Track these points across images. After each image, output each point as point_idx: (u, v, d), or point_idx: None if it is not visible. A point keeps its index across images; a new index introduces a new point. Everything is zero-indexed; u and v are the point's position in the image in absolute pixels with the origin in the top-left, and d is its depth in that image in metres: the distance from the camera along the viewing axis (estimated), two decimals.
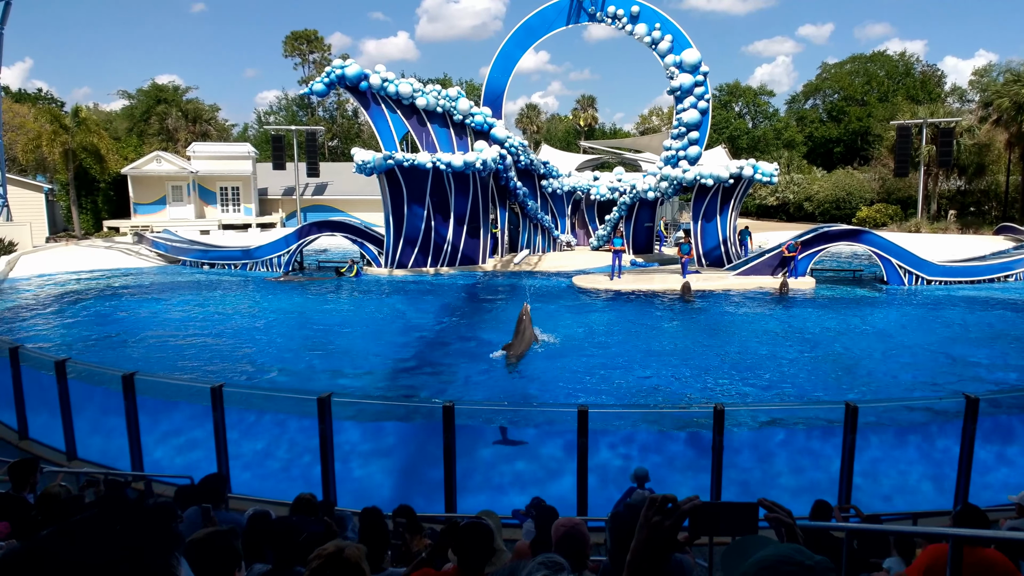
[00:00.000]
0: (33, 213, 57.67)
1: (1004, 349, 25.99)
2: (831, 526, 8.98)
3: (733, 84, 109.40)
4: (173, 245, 49.14)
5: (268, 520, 7.70)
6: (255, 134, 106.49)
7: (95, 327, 29.73)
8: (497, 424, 16.10)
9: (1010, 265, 39.60)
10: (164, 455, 15.31)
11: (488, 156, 41.09)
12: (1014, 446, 14.84)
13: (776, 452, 14.70)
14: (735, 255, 41.94)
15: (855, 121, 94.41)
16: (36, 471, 9.07)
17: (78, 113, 64.11)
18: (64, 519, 6.69)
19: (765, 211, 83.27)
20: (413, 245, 42.51)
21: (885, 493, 13.92)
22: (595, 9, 43.27)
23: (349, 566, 4.32)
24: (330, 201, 74.25)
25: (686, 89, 42.14)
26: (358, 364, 23.97)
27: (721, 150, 64.03)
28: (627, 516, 5.08)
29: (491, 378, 22.36)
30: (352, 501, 11.97)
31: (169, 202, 68.75)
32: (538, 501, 10.48)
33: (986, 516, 7.27)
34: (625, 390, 20.99)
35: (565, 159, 60.06)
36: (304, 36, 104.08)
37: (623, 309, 32.75)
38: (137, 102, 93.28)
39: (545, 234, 48.02)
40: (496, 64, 44.90)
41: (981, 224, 64.70)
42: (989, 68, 78.47)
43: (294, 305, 34.33)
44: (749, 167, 39.97)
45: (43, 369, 16.45)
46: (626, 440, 15.06)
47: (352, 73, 42.51)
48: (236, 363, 24.26)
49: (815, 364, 23.87)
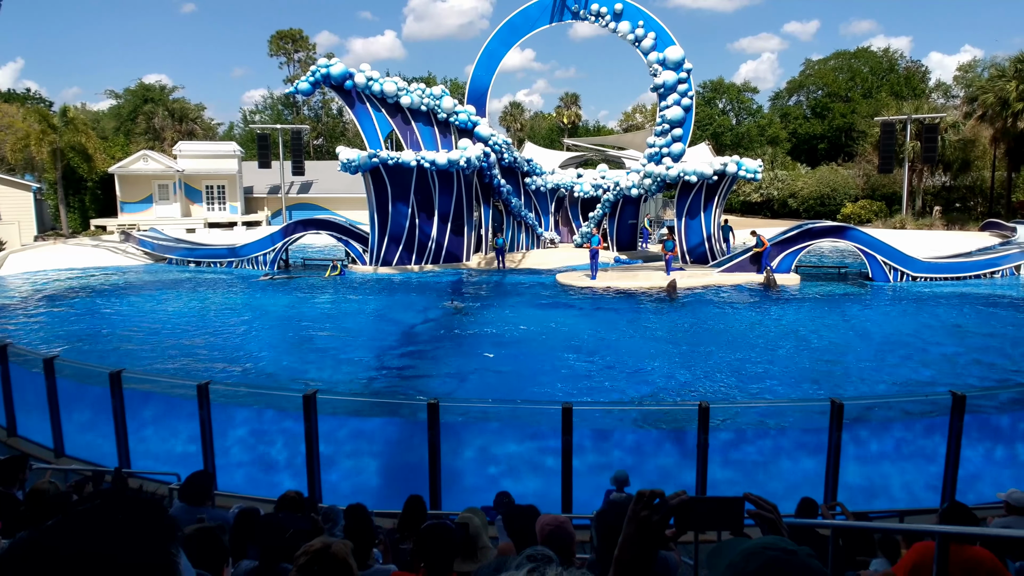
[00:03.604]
0: (21, 212, 57.70)
1: (990, 345, 26.05)
2: (817, 523, 8.99)
3: (717, 81, 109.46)
4: (159, 243, 49.09)
5: (255, 517, 7.70)
6: (241, 133, 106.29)
7: (83, 325, 29.67)
8: (487, 421, 16.10)
9: (996, 261, 39.75)
10: (151, 452, 15.27)
11: (472, 154, 41.11)
12: (1002, 443, 14.87)
13: (762, 450, 14.71)
14: (719, 252, 42.02)
15: (839, 117, 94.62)
16: (25, 468, 9.06)
17: (66, 113, 64.30)
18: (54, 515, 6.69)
19: (749, 208, 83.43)
20: (398, 243, 42.50)
21: (872, 491, 13.94)
22: (578, 7, 43.33)
23: (336, 562, 4.33)
24: (315, 199, 74.21)
25: (669, 86, 42.17)
26: (344, 361, 23.95)
27: (705, 147, 64.10)
28: (612, 513, 5.09)
29: (479, 374, 22.36)
30: (338, 498, 11.96)
31: (155, 201, 68.74)
32: (504, 498, 10.46)
33: (973, 514, 7.30)
34: (611, 388, 21.00)
35: (549, 157, 60.08)
36: (289, 35, 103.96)
37: (605, 307, 32.72)
38: (124, 102, 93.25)
39: (529, 231, 48.02)
40: (480, 62, 44.92)
41: (966, 220, 64.93)
42: (974, 64, 78.99)
43: (279, 303, 34.26)
44: (733, 164, 40.06)
45: (31, 366, 16.42)
46: (608, 437, 15.06)
47: (337, 72, 42.54)
48: (222, 360, 24.22)
49: (800, 361, 23.92)
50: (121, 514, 1.65)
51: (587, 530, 9.68)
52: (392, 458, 14.89)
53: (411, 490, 9.18)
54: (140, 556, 1.58)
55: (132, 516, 1.66)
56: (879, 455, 14.30)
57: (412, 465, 13.32)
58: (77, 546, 1.53)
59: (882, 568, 7.68)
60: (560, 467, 12.57)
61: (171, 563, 1.62)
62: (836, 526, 7.52)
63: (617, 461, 13.39)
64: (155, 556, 1.61)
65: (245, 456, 15.13)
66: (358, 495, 10.95)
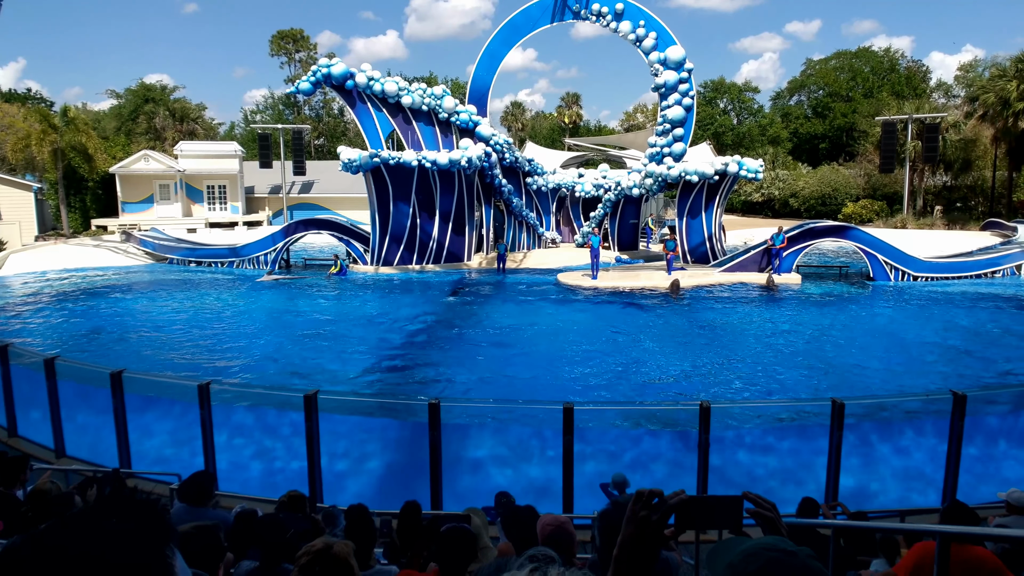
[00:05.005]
0: (22, 212, 57.67)
1: (991, 345, 26.05)
2: (818, 523, 9.00)
3: (718, 80, 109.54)
4: (160, 243, 49.08)
5: (255, 517, 7.70)
6: (242, 133, 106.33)
7: (83, 325, 29.68)
8: (486, 421, 16.09)
9: (997, 261, 39.75)
10: (151, 452, 15.28)
11: (473, 154, 41.08)
12: (1002, 443, 14.87)
13: (763, 450, 14.72)
14: (720, 251, 42.02)
15: (840, 117, 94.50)
16: (26, 468, 9.06)
17: (67, 113, 64.26)
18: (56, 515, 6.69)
19: (750, 207, 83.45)
20: (399, 243, 42.51)
21: (872, 490, 13.94)
22: (580, 7, 43.28)
23: (337, 562, 4.34)
24: (316, 199, 74.15)
25: (671, 86, 42.16)
26: (345, 360, 23.95)
27: (706, 147, 64.01)
28: (615, 513, 5.08)
29: (480, 375, 22.36)
30: (340, 498, 11.96)
31: (157, 201, 68.68)
32: (504, 498, 10.45)
33: (975, 513, 7.30)
34: (613, 387, 21.00)
35: (550, 156, 60.00)
36: (291, 35, 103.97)
37: (606, 307, 32.71)
38: (125, 101, 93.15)
39: (530, 231, 48.01)
40: (481, 62, 44.88)
41: (967, 220, 64.84)
42: (975, 63, 78.88)
43: (280, 302, 34.29)
44: (734, 163, 40.10)
45: (32, 367, 16.42)
46: (611, 437, 15.06)
47: (338, 72, 42.52)
48: (223, 360, 24.23)
49: (802, 360, 23.92)
50: (116, 515, 1.65)
51: (588, 530, 9.71)
52: (393, 458, 14.91)
53: (412, 490, 9.19)
54: (135, 557, 1.58)
55: (127, 517, 1.66)
56: (879, 455, 14.30)
57: (413, 465, 13.31)
58: (71, 548, 1.53)
59: (882, 568, 7.68)
60: (561, 466, 12.57)
61: (166, 564, 1.62)
62: (836, 526, 7.52)
63: (618, 461, 13.40)
64: (150, 557, 1.61)
65: (246, 456, 15.14)
66: (358, 495, 10.96)
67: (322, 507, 10.95)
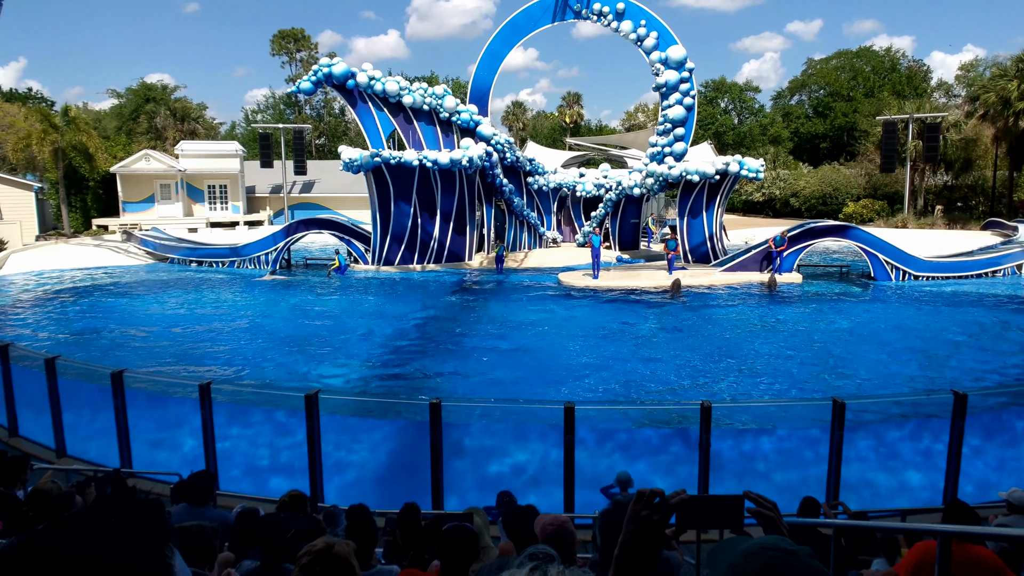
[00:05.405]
0: (23, 211, 57.61)
1: (991, 345, 26.05)
2: (819, 522, 8.99)
3: (719, 80, 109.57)
4: (161, 243, 49.13)
5: (256, 517, 7.71)
6: (243, 132, 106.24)
7: (84, 324, 29.69)
8: (487, 420, 16.09)
9: (997, 260, 39.74)
10: (152, 452, 15.27)
11: (474, 153, 41.12)
12: (1004, 443, 14.85)
13: (764, 449, 14.70)
14: (721, 251, 42.02)
15: (841, 117, 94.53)
16: (27, 468, 9.07)
17: (68, 112, 64.24)
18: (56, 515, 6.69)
19: (751, 207, 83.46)
20: (400, 242, 42.51)
21: (874, 490, 13.93)
22: (581, 6, 43.25)
23: (339, 562, 4.33)
24: (317, 199, 74.14)
25: (671, 85, 42.13)
26: (346, 361, 23.97)
27: (707, 146, 64.07)
28: (616, 513, 5.08)
29: (479, 375, 22.37)
30: (341, 498, 11.96)
31: (157, 200, 68.67)
32: (505, 497, 10.44)
33: (975, 513, 7.30)
34: (615, 388, 21.00)
35: (551, 156, 60.10)
36: (292, 35, 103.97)
37: (606, 306, 32.71)
38: (126, 101, 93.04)
39: (531, 231, 48.02)
40: (482, 62, 44.87)
41: (968, 219, 64.87)
42: (976, 63, 78.83)
43: (282, 302, 34.28)
44: (735, 163, 40.09)
45: (33, 366, 16.41)
46: (611, 436, 15.05)
47: (339, 71, 42.50)
48: (223, 360, 24.22)
49: (803, 360, 23.90)
50: (115, 515, 1.65)
51: (588, 530, 9.71)
52: (394, 457, 14.90)
53: (413, 490, 9.20)
54: (135, 557, 1.58)
55: (126, 517, 1.66)
56: (880, 455, 14.29)
57: (413, 465, 13.31)
58: (71, 548, 1.53)
59: (883, 568, 7.68)
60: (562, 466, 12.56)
61: (165, 564, 1.62)
62: (837, 525, 7.51)
63: (618, 460, 13.39)
64: (149, 557, 1.61)
65: (246, 456, 15.13)
66: (359, 495, 10.95)
67: (323, 507, 10.94)
